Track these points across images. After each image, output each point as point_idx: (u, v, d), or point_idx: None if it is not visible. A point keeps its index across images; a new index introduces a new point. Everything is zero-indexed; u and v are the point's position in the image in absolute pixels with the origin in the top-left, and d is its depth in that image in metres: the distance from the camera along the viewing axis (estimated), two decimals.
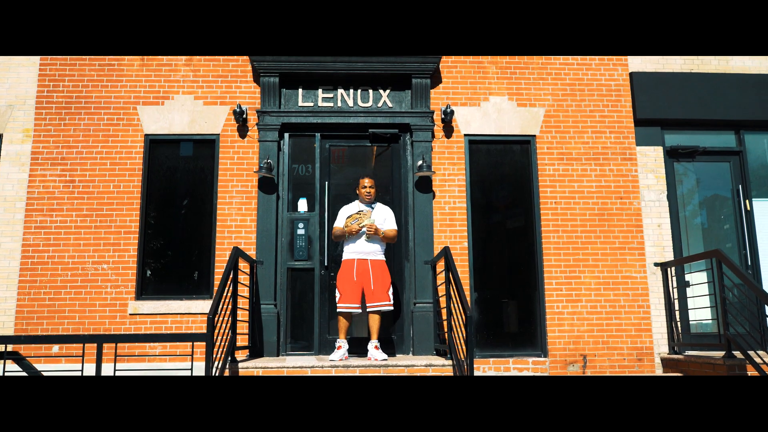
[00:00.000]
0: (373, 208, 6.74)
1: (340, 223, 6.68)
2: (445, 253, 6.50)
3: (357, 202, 6.80)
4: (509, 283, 7.63)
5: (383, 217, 6.67)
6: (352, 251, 6.58)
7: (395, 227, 6.71)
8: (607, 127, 7.90)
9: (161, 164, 7.73)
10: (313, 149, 7.70)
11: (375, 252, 6.57)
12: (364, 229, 6.47)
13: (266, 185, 7.47)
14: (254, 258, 7.28)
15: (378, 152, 7.81)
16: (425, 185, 7.54)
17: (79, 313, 7.27)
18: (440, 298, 7.10)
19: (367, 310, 6.48)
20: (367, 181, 6.71)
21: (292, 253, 7.46)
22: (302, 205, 7.60)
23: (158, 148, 7.75)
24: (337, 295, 6.49)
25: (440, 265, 7.14)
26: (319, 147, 7.70)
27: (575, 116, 7.91)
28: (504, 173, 7.86)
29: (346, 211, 6.72)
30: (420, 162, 7.48)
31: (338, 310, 6.47)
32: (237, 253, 6.42)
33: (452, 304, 6.29)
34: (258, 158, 7.58)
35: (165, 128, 7.68)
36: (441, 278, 7.17)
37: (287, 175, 7.63)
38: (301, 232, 7.50)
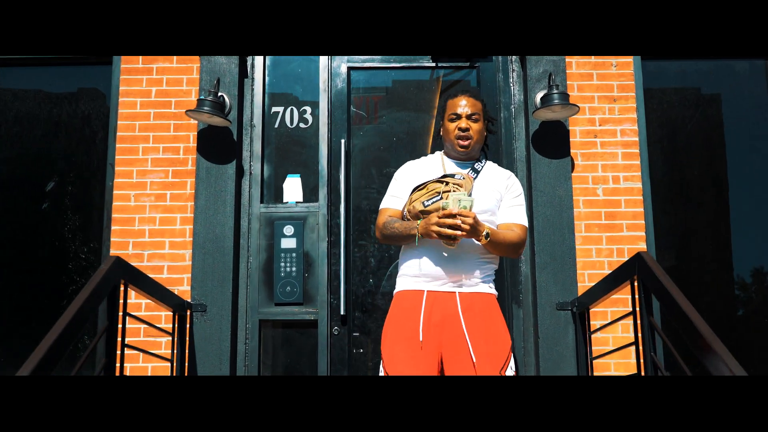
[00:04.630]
0: (477, 172, 3.24)
1: (394, 202, 3.28)
2: (640, 268, 3.12)
3: (439, 155, 3.35)
4: (743, 344, 4.24)
5: (496, 195, 3.21)
6: (417, 272, 3.12)
7: (523, 221, 3.25)
8: None
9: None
10: (315, 74, 4.54)
11: (476, 275, 3.10)
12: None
13: (214, 146, 4.24)
14: (186, 300, 4.03)
15: (449, 81, 4.55)
16: (554, 142, 4.21)
17: None
18: None
19: None
20: (463, 103, 3.23)
21: (271, 287, 4.25)
22: (292, 188, 4.39)
23: None
24: (382, 373, 3.02)
25: (596, 313, 3.92)
26: (329, 70, 4.52)
27: None
28: (715, 122, 4.53)
29: (412, 174, 3.29)
30: (542, 93, 4.14)
31: None
32: (121, 273, 3.06)
33: None
34: (197, 91, 4.31)
35: None
36: (599, 341, 3.90)
37: (261, 128, 4.45)
38: (288, 244, 4.27)
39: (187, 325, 3.89)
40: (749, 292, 4.40)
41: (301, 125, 4.42)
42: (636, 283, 3.13)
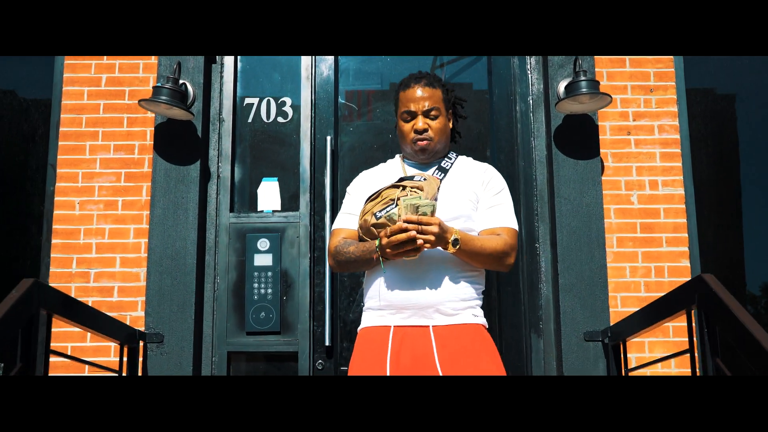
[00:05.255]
0: (445, 171, 2.77)
1: (347, 220, 2.83)
2: (702, 296, 2.56)
3: (399, 158, 2.91)
4: None
5: (470, 196, 2.71)
6: (379, 303, 2.62)
7: (510, 223, 2.70)
8: None
9: None
10: (297, 60, 4.14)
11: (453, 300, 2.55)
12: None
13: (175, 144, 3.79)
14: (139, 329, 3.54)
15: (454, 68, 4.13)
16: (580, 139, 3.77)
17: None
18: None
19: None
20: (418, 94, 2.74)
21: (242, 313, 3.83)
22: (268, 195, 3.97)
23: None
24: None
25: (631, 344, 3.49)
26: (313, 59, 4.12)
27: None
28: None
29: (367, 185, 2.84)
30: (566, 81, 3.67)
31: None
32: (41, 300, 2.48)
33: None
34: (155, 78, 3.85)
35: None
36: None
37: (231, 123, 4.02)
38: (263, 261, 3.84)
39: (140, 359, 3.33)
40: (758, 308, 4.08)
41: (280, 120, 3.97)
42: (695, 313, 2.55)
